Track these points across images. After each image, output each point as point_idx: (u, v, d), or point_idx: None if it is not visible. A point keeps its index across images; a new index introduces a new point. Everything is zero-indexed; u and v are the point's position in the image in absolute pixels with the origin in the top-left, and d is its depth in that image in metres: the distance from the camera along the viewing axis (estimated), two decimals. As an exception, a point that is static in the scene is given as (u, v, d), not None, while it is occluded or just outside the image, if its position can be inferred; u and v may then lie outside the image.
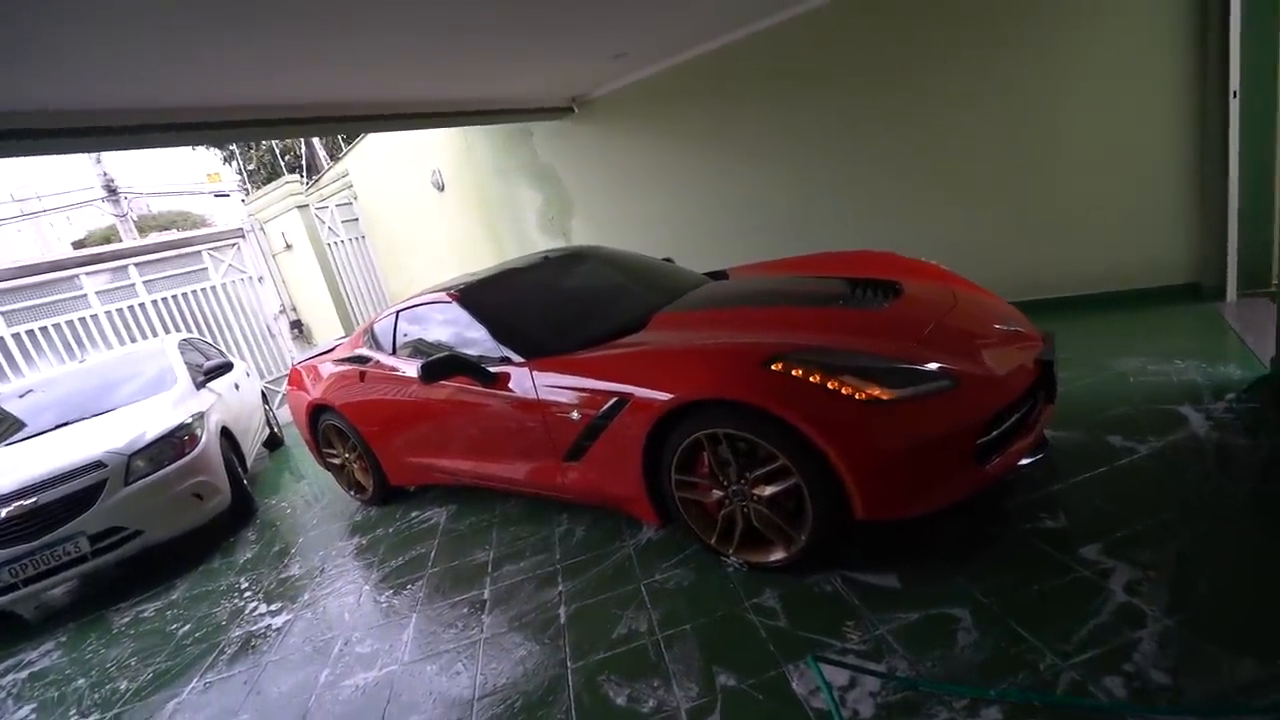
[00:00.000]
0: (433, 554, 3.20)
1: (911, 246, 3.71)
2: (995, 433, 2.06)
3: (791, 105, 4.82)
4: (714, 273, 3.74)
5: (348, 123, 4.57)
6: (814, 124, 4.78)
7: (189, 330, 7.32)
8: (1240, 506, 2.03)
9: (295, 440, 6.91)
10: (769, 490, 2.15)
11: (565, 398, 2.60)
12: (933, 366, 2.08)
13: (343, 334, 7.49)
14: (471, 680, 2.17)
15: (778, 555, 2.21)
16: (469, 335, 3.17)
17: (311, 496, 4.74)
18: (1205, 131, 3.53)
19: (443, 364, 2.90)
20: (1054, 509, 2.22)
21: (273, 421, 6.84)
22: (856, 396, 1.97)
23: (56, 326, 6.67)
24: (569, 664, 2.11)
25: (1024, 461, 2.13)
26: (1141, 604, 1.73)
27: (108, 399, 4.64)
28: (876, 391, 1.98)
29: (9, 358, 6.25)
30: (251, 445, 5.43)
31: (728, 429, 2.14)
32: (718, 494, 2.28)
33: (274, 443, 6.73)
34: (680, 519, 2.42)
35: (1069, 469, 2.42)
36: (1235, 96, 3.33)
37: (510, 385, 2.82)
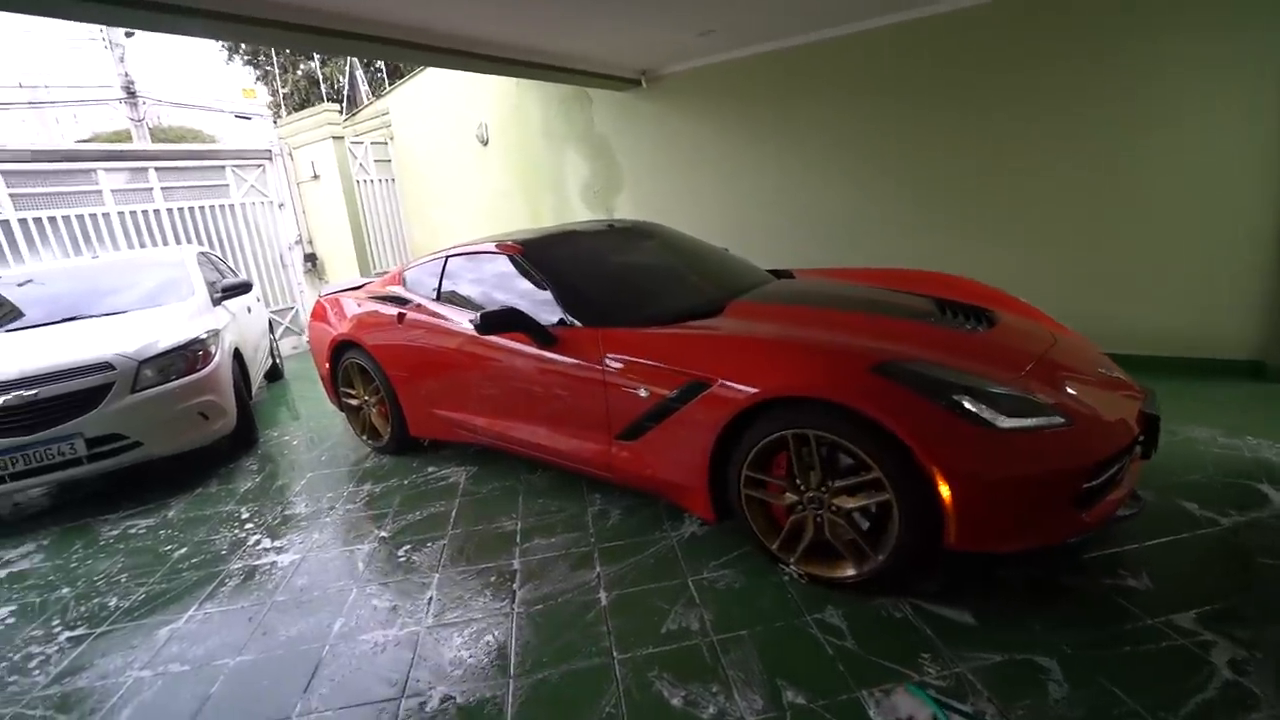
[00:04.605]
0: (453, 514, 3.04)
1: (962, 271, 3.58)
2: (1099, 480, 1.94)
3: (860, 115, 4.68)
4: (777, 271, 3.60)
5: (402, 48, 4.14)
6: (878, 137, 4.66)
7: (201, 245, 7.04)
8: (1339, 596, 1.94)
9: (294, 375, 6.71)
10: (851, 503, 2.02)
11: (635, 372, 2.45)
12: (1046, 401, 1.96)
13: (358, 274, 7.27)
14: (505, 655, 2.02)
15: (848, 572, 2.08)
16: (525, 292, 3.01)
17: (312, 434, 4.55)
18: (1296, 211, 3.44)
19: (503, 317, 2.74)
20: (1135, 569, 2.12)
21: (276, 352, 6.61)
22: (970, 419, 1.85)
23: (66, 219, 6.35)
24: (614, 653, 1.97)
25: (1122, 513, 2.02)
26: (1251, 685, 1.62)
27: (118, 300, 4.39)
28: (991, 416, 1.86)
29: (12, 243, 5.95)
30: (257, 372, 5.22)
31: (819, 431, 2.00)
32: (791, 498, 2.15)
33: (274, 374, 6.50)
34: (741, 518, 2.29)
35: (1145, 530, 2.32)
36: (1339, 179, 3.25)
37: (571, 351, 2.67)
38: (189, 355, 3.83)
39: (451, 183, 7.77)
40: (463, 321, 3.19)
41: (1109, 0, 3.72)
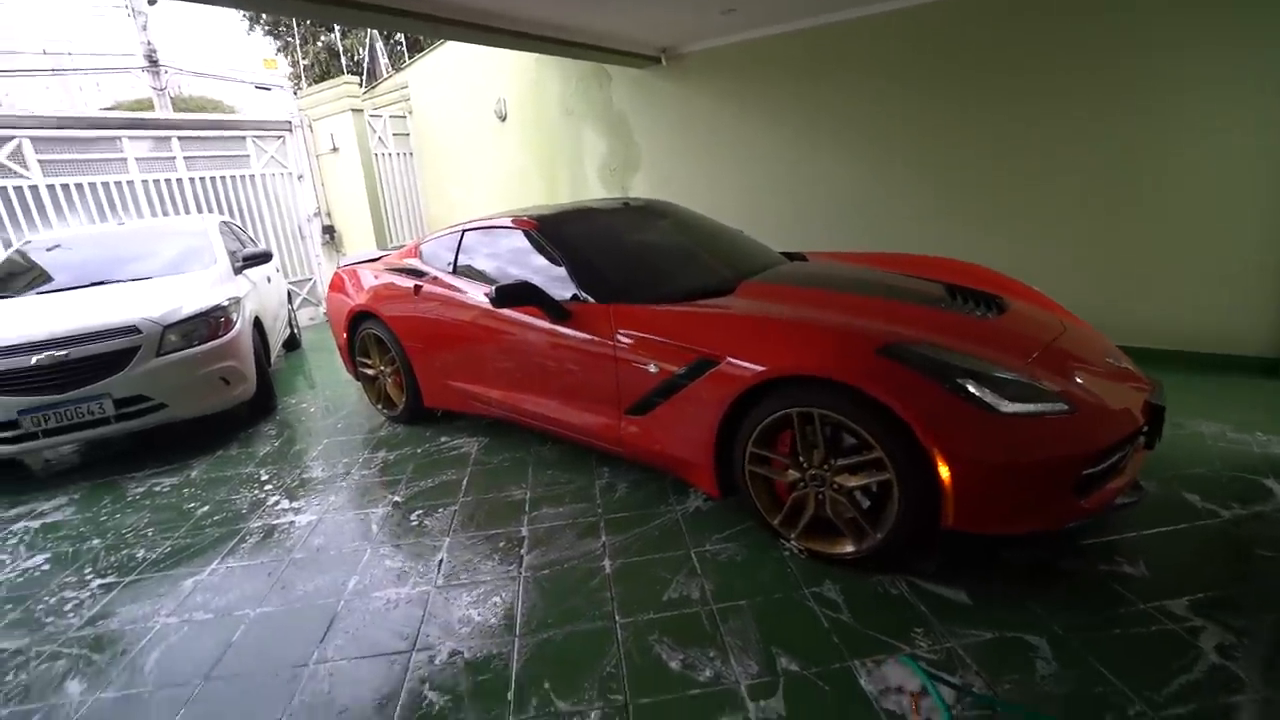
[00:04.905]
0: (465, 483, 3.12)
1: (973, 258, 3.57)
2: (1101, 467, 1.97)
3: (880, 101, 4.63)
4: (789, 253, 3.61)
5: (422, 21, 4.05)
6: (884, 119, 4.64)
7: (222, 214, 7.13)
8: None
9: (311, 345, 6.83)
10: (853, 481, 2.06)
11: (645, 349, 2.50)
12: (1051, 387, 1.98)
13: (376, 247, 7.34)
14: (512, 616, 2.11)
15: (846, 548, 2.13)
16: (540, 267, 3.05)
17: (329, 402, 4.66)
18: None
19: (517, 291, 2.78)
20: (1133, 556, 2.15)
21: (294, 322, 6.72)
22: (973, 402, 1.88)
23: (92, 186, 6.46)
24: (617, 617, 2.05)
25: (1121, 501, 2.05)
26: (1237, 669, 1.66)
27: (143, 266, 4.49)
28: (994, 401, 1.89)
29: (41, 209, 6.07)
30: (276, 341, 5.33)
31: (824, 410, 2.04)
32: (794, 475, 2.20)
33: (291, 344, 6.62)
34: (744, 494, 2.34)
35: (1145, 519, 2.34)
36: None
37: (584, 326, 2.72)
38: (211, 321, 3.92)
39: (469, 157, 7.79)
40: (478, 295, 3.24)
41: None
